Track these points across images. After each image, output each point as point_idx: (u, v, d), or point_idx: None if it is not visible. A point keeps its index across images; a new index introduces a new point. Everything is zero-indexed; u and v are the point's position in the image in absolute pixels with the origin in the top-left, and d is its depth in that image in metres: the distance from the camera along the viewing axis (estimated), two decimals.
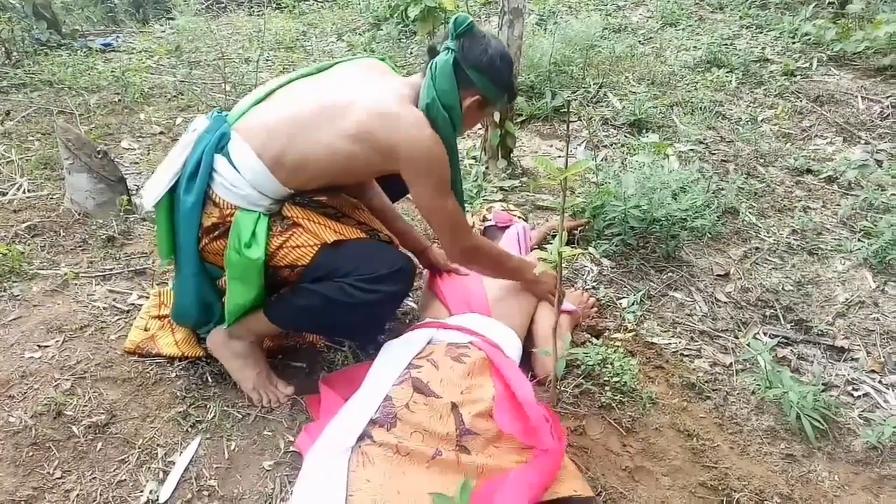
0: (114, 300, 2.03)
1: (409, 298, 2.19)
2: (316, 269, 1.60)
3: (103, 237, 2.31)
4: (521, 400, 1.56)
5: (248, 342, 1.76)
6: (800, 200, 2.99)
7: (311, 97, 1.61)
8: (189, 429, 1.66)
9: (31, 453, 1.55)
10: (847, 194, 3.03)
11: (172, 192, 1.60)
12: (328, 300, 1.58)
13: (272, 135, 1.56)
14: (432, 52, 1.67)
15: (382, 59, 1.80)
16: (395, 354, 1.72)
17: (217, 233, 1.60)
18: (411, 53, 4.59)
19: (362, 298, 1.57)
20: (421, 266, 2.08)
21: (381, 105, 1.56)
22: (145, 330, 1.85)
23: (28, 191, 2.58)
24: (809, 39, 4.64)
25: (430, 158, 1.59)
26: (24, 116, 3.21)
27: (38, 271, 2.11)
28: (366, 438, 1.48)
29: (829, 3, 5.04)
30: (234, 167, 1.55)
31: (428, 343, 1.75)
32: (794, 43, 4.65)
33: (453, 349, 1.69)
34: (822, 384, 2.00)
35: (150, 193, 1.60)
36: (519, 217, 2.42)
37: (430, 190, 1.63)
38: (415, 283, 1.94)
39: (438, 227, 1.73)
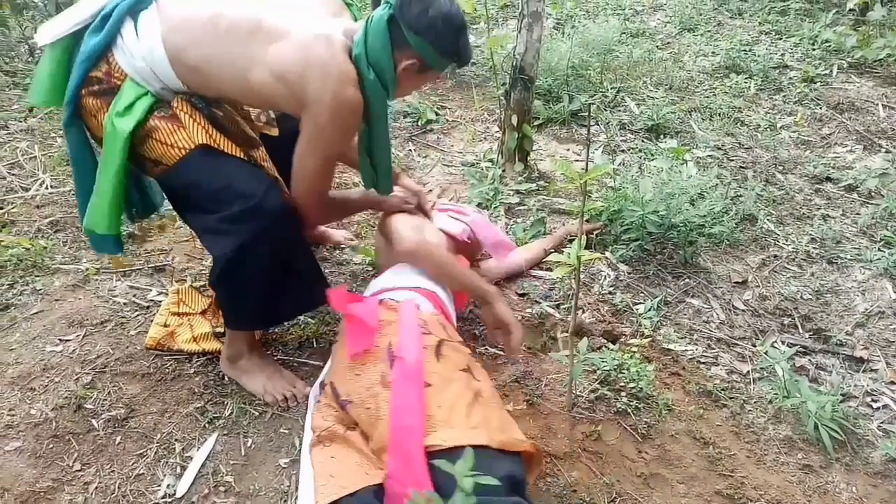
0: (134, 296, 2.06)
1: None
2: (177, 174, 1.53)
3: (124, 234, 2.33)
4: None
5: (246, 356, 1.77)
6: (819, 208, 2.97)
7: (248, 10, 1.50)
8: (206, 425, 1.68)
9: (51, 445, 1.57)
10: (867, 203, 3.00)
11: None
12: (225, 258, 1.51)
13: (185, 26, 1.48)
14: (377, 2, 1.59)
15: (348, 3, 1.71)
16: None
17: (96, 88, 1.50)
18: None
19: (238, 234, 1.49)
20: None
21: (312, 48, 1.45)
22: (165, 326, 1.87)
23: (50, 187, 2.61)
24: (829, 46, 4.59)
25: (334, 118, 1.49)
26: (46, 113, 3.25)
27: (60, 266, 2.14)
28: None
29: (850, 10, 4.99)
30: (137, 37, 1.49)
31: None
32: (813, 49, 4.61)
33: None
34: (841, 394, 1.98)
35: (49, 31, 1.52)
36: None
37: (314, 142, 1.53)
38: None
39: (297, 176, 1.60)
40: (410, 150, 3.38)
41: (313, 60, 1.45)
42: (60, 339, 1.85)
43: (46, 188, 2.60)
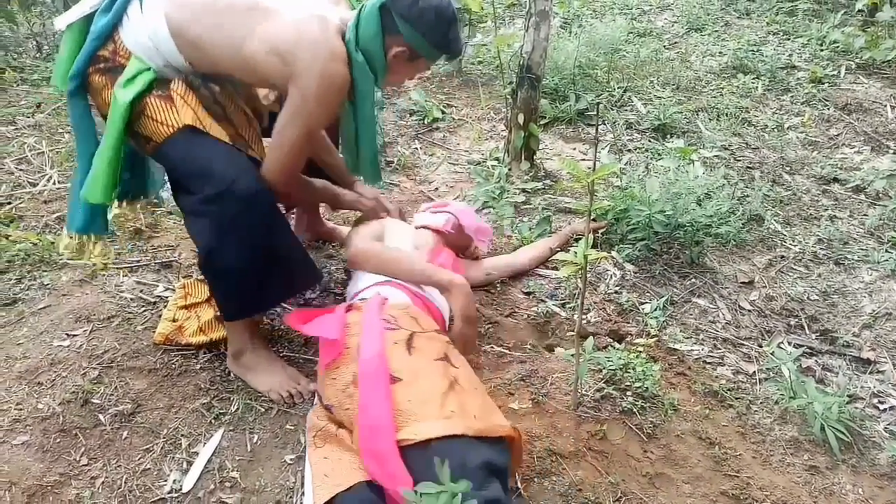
0: (141, 292, 2.06)
1: None
2: (165, 152, 1.60)
3: (131, 229, 2.34)
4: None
5: (249, 351, 1.78)
6: (826, 209, 2.96)
7: None
8: (212, 420, 1.68)
9: (58, 439, 1.58)
10: (875, 204, 2.99)
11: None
12: (202, 233, 1.56)
13: (187, 3, 1.56)
14: None
15: None
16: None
17: (102, 66, 1.59)
18: None
19: (213, 215, 1.53)
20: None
21: (306, 24, 1.51)
22: (174, 321, 1.87)
23: (58, 182, 2.62)
24: (838, 47, 4.58)
25: (320, 91, 1.52)
26: (54, 109, 3.26)
27: (68, 261, 2.15)
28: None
29: (859, 10, 4.96)
30: (143, 14, 1.56)
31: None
32: (821, 50, 4.59)
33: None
34: (848, 396, 1.97)
35: (67, 16, 1.62)
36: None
37: (296, 113, 1.56)
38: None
39: (273, 145, 1.63)
40: (416, 148, 3.39)
41: (306, 35, 1.50)
42: (68, 334, 1.85)
43: (54, 184, 2.61)
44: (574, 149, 3.46)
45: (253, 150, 1.69)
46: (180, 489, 1.51)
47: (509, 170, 3.04)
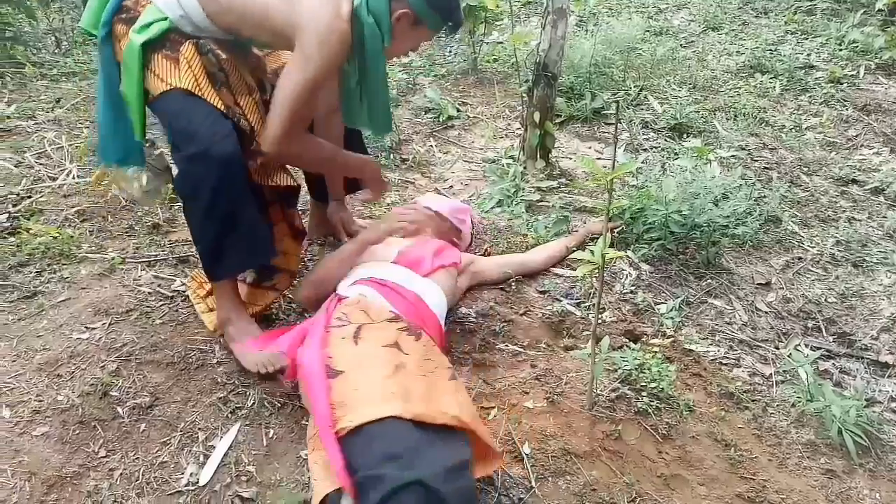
0: (158, 286, 2.08)
1: None
2: (158, 105, 1.70)
3: (149, 224, 2.36)
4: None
5: (234, 321, 1.83)
6: (844, 211, 2.93)
7: None
8: (229, 415, 1.69)
9: (77, 431, 1.59)
10: (894, 206, 2.96)
11: None
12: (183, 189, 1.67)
13: None
14: None
15: None
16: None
17: (124, 15, 1.71)
18: (451, 52, 4.59)
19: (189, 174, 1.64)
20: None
21: None
22: (211, 311, 1.93)
23: (77, 176, 2.64)
24: (857, 47, 4.53)
25: (323, 43, 1.59)
26: (73, 104, 3.29)
27: (87, 255, 2.17)
28: None
29: (879, 10, 4.91)
30: None
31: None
32: (840, 50, 4.54)
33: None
34: (865, 399, 1.95)
35: None
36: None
37: (300, 62, 1.63)
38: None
39: (276, 95, 1.69)
40: (431, 145, 3.39)
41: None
42: (87, 327, 1.87)
43: (73, 178, 2.64)
44: (589, 147, 3.44)
45: (247, 119, 1.74)
46: (197, 482, 1.52)
47: (524, 168, 3.03)
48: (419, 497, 1.14)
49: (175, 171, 1.74)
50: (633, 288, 2.32)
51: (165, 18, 1.67)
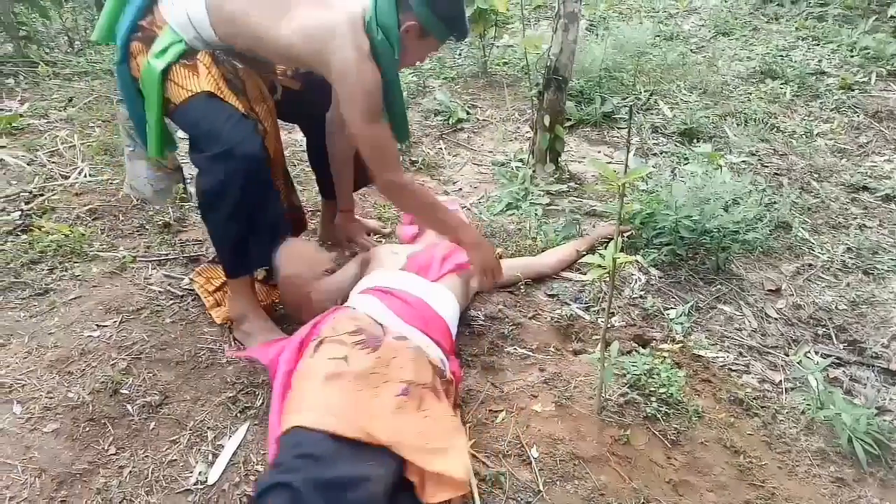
0: (169, 285, 2.09)
1: None
2: (182, 113, 1.74)
3: (160, 223, 2.37)
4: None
5: (250, 319, 1.87)
6: (855, 218, 2.91)
7: None
8: (238, 414, 1.70)
9: (87, 428, 1.60)
10: None
11: None
12: (204, 187, 1.71)
13: None
14: None
15: None
16: None
17: (140, 35, 1.75)
18: (461, 55, 4.60)
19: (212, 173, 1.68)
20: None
21: (338, 25, 1.66)
22: (219, 305, 1.97)
23: (89, 175, 2.66)
24: (868, 53, 4.51)
25: (360, 82, 1.67)
26: (85, 104, 3.32)
27: (98, 253, 2.18)
28: None
29: (891, 16, 4.89)
30: None
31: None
32: (852, 56, 4.52)
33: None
34: (876, 408, 1.94)
35: None
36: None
37: (359, 115, 1.71)
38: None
39: (365, 154, 1.78)
40: (441, 148, 3.39)
41: (338, 31, 1.66)
42: (98, 325, 1.88)
43: (85, 176, 2.65)
44: (599, 151, 3.44)
45: (263, 125, 1.81)
46: (205, 481, 1.53)
47: (534, 171, 3.03)
48: (284, 500, 1.21)
49: (187, 172, 1.76)
50: (642, 293, 2.32)
51: (181, 41, 1.73)
